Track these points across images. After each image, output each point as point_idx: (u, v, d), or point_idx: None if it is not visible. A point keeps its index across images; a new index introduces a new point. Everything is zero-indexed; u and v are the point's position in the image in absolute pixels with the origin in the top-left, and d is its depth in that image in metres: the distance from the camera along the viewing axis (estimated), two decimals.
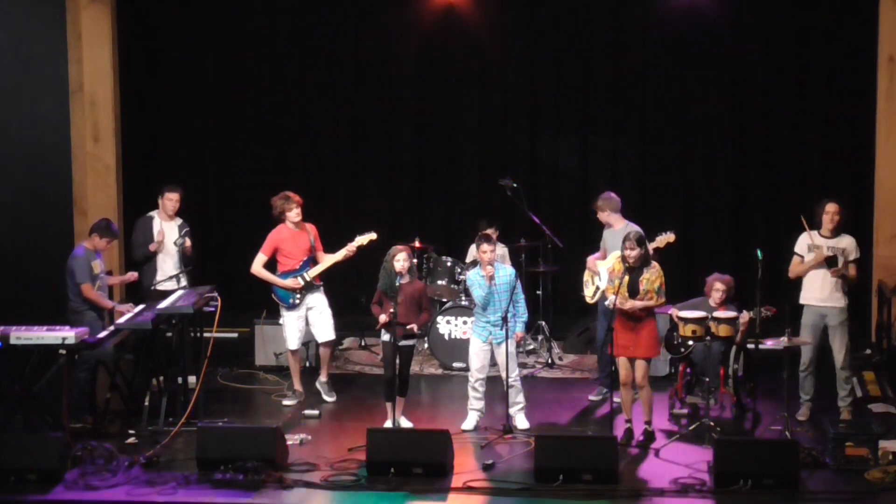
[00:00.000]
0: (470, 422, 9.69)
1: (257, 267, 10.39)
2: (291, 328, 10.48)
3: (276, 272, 10.41)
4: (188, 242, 10.78)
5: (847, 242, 9.69)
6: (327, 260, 10.41)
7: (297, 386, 10.58)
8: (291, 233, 10.39)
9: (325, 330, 10.51)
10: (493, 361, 9.69)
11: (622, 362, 9.30)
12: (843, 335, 9.65)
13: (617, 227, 10.35)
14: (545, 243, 12.03)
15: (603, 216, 10.50)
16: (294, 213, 10.34)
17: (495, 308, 9.52)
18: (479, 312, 9.64)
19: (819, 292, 9.67)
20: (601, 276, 10.41)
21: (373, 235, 10.38)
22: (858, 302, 12.27)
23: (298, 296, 10.40)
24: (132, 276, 10.74)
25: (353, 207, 13.70)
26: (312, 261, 10.43)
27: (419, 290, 9.61)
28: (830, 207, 9.68)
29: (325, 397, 10.58)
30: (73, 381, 9.47)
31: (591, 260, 10.60)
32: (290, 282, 10.36)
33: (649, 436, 9.27)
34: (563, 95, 13.50)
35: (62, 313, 9.84)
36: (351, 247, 10.34)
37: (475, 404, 9.71)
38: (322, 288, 10.55)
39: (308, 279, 10.37)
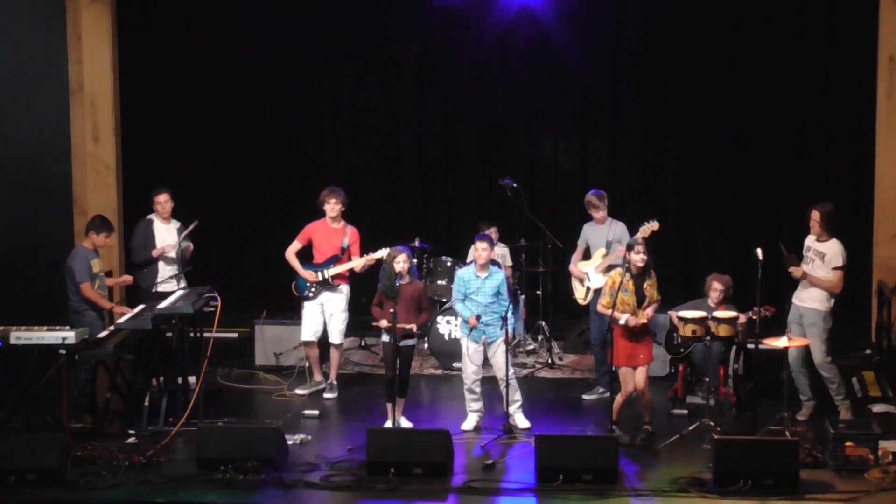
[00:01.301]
0: (470, 422, 9.69)
1: (288, 252, 10.70)
2: (306, 319, 10.68)
3: (309, 264, 10.64)
4: (192, 247, 10.80)
5: (829, 248, 9.54)
6: (348, 264, 10.54)
7: (318, 376, 10.77)
8: (327, 229, 10.61)
9: (332, 333, 10.66)
10: (488, 362, 9.69)
11: (627, 372, 9.23)
12: (816, 337, 9.50)
13: (602, 225, 10.46)
14: (545, 243, 12.03)
15: (601, 214, 10.53)
16: (329, 207, 10.57)
17: (483, 310, 9.52)
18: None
19: (800, 291, 9.66)
20: (590, 276, 10.44)
21: (384, 252, 10.45)
22: (858, 302, 12.29)
23: (314, 289, 10.59)
24: (127, 278, 10.78)
25: (354, 207, 13.61)
26: (340, 261, 10.57)
27: (419, 290, 9.62)
28: (812, 214, 9.59)
29: (325, 394, 10.62)
30: (73, 381, 9.47)
31: (574, 266, 10.66)
32: (307, 273, 10.57)
33: (650, 436, 9.27)
34: (563, 95, 13.50)
35: (62, 313, 9.84)
36: (370, 257, 10.45)
37: (474, 405, 9.71)
38: (342, 291, 10.64)
39: (326, 276, 10.53)
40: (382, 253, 10.28)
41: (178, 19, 13.60)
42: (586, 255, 10.76)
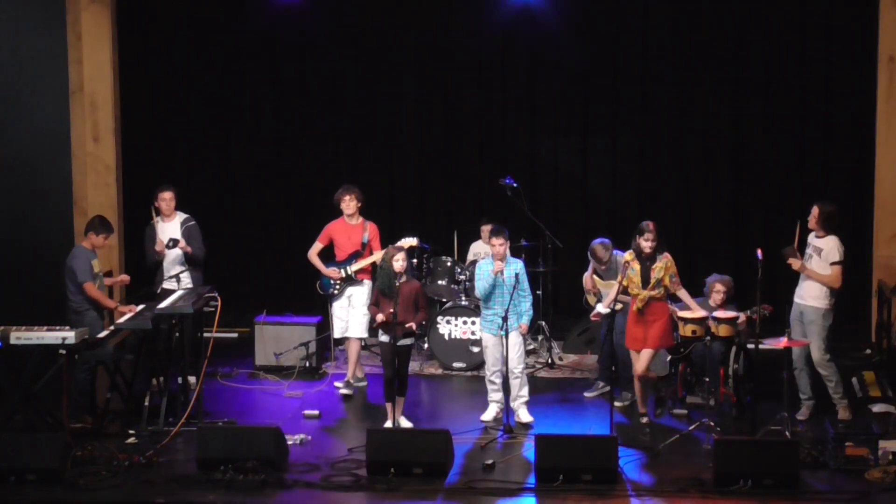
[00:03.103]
0: (490, 413, 9.83)
1: (310, 253, 10.84)
2: (336, 319, 10.85)
3: (332, 262, 10.76)
4: (181, 244, 10.73)
5: (826, 243, 9.58)
6: (370, 258, 10.66)
7: (358, 372, 10.86)
8: (346, 226, 10.74)
9: (354, 326, 10.77)
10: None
11: (634, 356, 9.48)
12: (816, 334, 9.54)
13: (604, 270, 10.44)
14: (545, 243, 12.03)
15: (605, 266, 10.44)
16: (345, 205, 10.70)
17: (503, 301, 9.58)
18: (488, 306, 9.69)
19: (799, 289, 9.68)
20: (601, 295, 10.40)
21: (413, 241, 10.58)
22: (858, 302, 12.29)
23: (337, 286, 10.72)
24: (125, 278, 10.76)
25: None
26: (361, 256, 10.70)
27: (416, 289, 9.64)
28: (812, 210, 9.65)
29: (342, 390, 10.73)
30: (73, 381, 9.47)
31: (587, 280, 10.61)
32: (330, 270, 10.72)
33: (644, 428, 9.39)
34: (563, 95, 13.49)
35: (62, 313, 9.84)
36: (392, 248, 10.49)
37: (494, 396, 9.84)
38: (366, 285, 10.72)
39: (349, 272, 10.66)
40: (401, 244, 10.30)
41: (178, 19, 13.59)
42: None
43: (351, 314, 10.76)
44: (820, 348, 9.58)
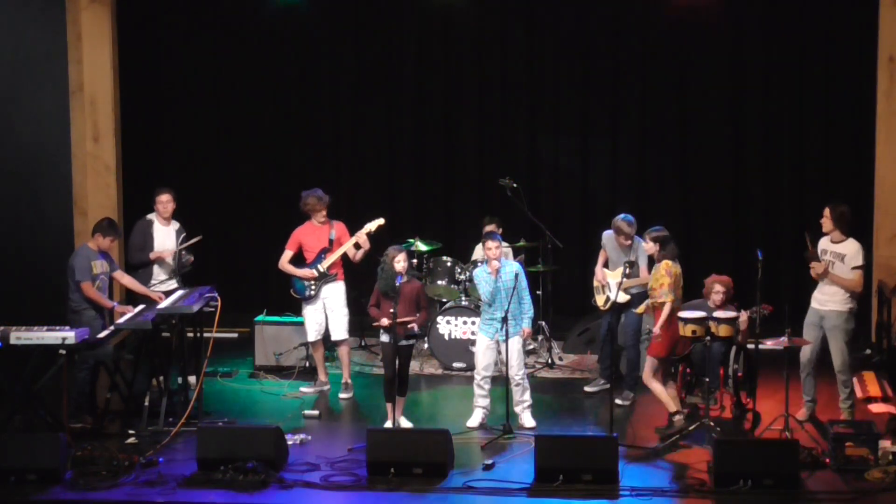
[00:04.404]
0: (475, 419, 9.72)
1: (282, 261, 10.67)
2: (309, 321, 10.69)
3: (303, 266, 10.64)
4: (192, 259, 10.78)
5: (847, 248, 9.55)
6: (339, 250, 10.55)
7: (322, 376, 10.78)
8: (315, 229, 10.65)
9: (336, 329, 10.67)
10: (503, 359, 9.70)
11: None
12: (838, 339, 9.53)
13: (625, 247, 10.39)
14: (545, 243, 12.03)
15: (629, 242, 10.38)
16: (321, 215, 10.59)
17: (502, 304, 9.55)
18: (486, 309, 9.68)
19: (820, 294, 9.64)
20: (611, 287, 10.39)
21: (380, 221, 10.56)
22: (858, 302, 12.26)
23: (313, 287, 10.58)
24: (159, 296, 10.44)
25: (353, 207, 13.68)
26: (330, 252, 10.59)
27: (417, 289, 9.64)
28: (824, 211, 9.63)
29: (341, 394, 10.66)
30: (73, 381, 9.48)
31: (599, 270, 10.60)
32: (304, 272, 10.56)
33: (667, 428, 9.43)
34: (563, 95, 13.49)
35: (62, 313, 9.84)
36: (360, 234, 10.50)
37: (480, 402, 9.74)
38: (339, 282, 10.66)
39: (322, 270, 10.55)
40: (369, 227, 10.36)
41: (178, 19, 13.60)
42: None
43: (331, 318, 10.66)
44: (844, 353, 9.56)
